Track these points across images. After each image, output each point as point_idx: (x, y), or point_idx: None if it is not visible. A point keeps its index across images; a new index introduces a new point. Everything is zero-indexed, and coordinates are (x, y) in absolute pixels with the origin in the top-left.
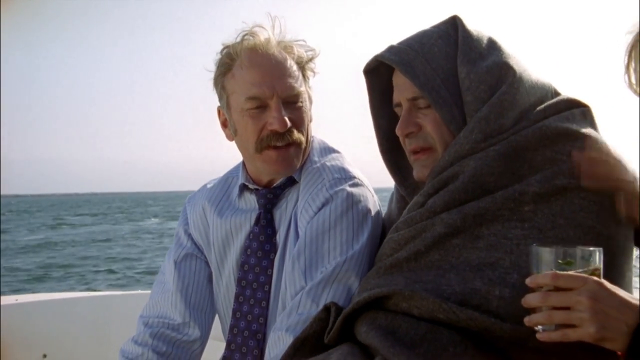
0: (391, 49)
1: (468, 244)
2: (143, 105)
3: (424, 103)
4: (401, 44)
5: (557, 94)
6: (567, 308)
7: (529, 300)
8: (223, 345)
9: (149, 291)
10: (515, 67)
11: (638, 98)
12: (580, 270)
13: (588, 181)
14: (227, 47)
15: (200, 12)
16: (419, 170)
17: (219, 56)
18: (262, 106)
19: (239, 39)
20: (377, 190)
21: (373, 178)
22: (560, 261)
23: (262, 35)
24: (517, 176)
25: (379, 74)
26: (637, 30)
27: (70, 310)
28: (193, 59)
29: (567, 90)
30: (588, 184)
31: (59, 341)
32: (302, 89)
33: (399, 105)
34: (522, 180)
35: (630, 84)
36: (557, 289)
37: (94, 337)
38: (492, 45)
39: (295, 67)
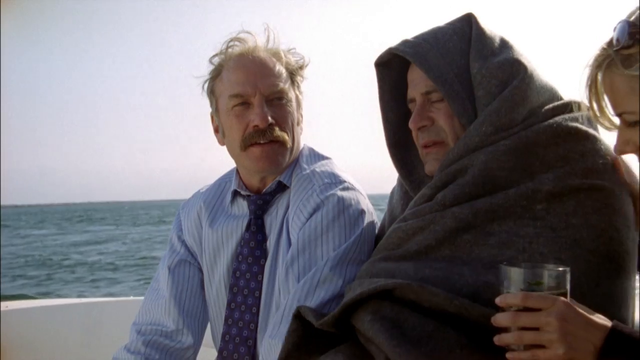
0: (406, 43)
1: (479, 240)
2: (142, 114)
3: (436, 97)
4: (416, 38)
5: (561, 98)
6: (537, 328)
7: (499, 319)
8: (214, 352)
9: (141, 298)
10: (527, 64)
11: (604, 129)
12: (550, 290)
13: (622, 175)
14: (217, 54)
15: (200, 18)
16: (431, 164)
17: (210, 65)
18: (245, 103)
19: (229, 45)
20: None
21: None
22: (529, 281)
23: (251, 42)
24: (529, 172)
25: (391, 67)
26: (593, 63)
27: (63, 317)
28: (192, 65)
29: (571, 93)
30: (622, 178)
31: (51, 348)
32: (287, 88)
33: (413, 100)
34: (533, 176)
35: (595, 117)
36: (527, 309)
37: (87, 344)
38: (504, 43)
39: (282, 69)
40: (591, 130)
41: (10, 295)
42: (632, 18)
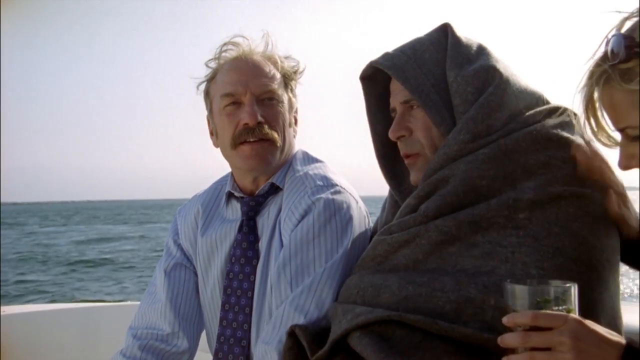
0: (385, 55)
1: (464, 252)
2: (142, 112)
3: (416, 103)
4: (395, 50)
5: (547, 102)
6: (548, 348)
7: (508, 340)
8: (209, 356)
9: (138, 302)
10: (502, 70)
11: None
12: (557, 308)
13: (585, 172)
14: (212, 58)
15: (199, 17)
16: (414, 174)
17: (207, 69)
18: (237, 103)
19: (223, 49)
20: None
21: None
22: (538, 299)
23: (246, 46)
24: (511, 180)
25: (376, 80)
26: (585, 85)
27: (61, 321)
28: (191, 65)
29: (559, 98)
30: (584, 174)
31: (49, 353)
32: (279, 90)
33: (395, 110)
34: (515, 184)
35: (593, 134)
36: (536, 328)
37: (84, 349)
38: (480, 50)
39: (275, 72)
40: (573, 137)
41: (27, 292)
42: (624, 30)
